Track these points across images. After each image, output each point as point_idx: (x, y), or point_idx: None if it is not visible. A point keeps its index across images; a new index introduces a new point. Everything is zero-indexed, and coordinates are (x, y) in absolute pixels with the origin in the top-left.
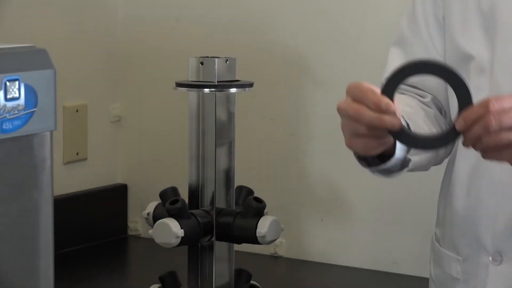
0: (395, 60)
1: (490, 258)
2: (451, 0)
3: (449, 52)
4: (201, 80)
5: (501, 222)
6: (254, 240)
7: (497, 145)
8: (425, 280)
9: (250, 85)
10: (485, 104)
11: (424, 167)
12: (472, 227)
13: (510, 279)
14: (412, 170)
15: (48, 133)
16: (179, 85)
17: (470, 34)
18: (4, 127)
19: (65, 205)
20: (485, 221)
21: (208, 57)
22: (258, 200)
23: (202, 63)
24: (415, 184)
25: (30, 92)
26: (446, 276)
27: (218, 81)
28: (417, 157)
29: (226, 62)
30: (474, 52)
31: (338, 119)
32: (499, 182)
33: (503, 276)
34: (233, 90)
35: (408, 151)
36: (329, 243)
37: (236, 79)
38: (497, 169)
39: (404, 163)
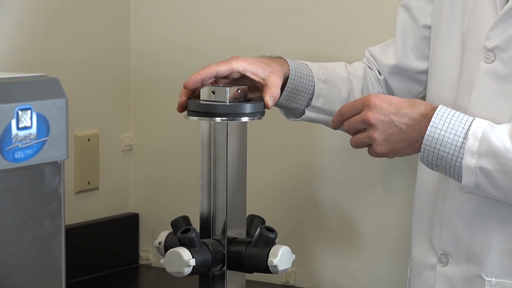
0: (401, 22)
1: (437, 259)
2: (440, 18)
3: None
4: (213, 101)
5: (448, 227)
6: (265, 269)
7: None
8: None
9: (262, 113)
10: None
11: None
12: (426, 229)
13: (454, 280)
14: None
15: (60, 162)
16: (190, 113)
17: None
18: (16, 156)
19: (76, 234)
20: (436, 224)
21: (219, 86)
22: (270, 229)
23: (213, 92)
24: None
25: (42, 121)
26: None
27: (230, 101)
28: (312, 114)
29: (237, 91)
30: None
31: (348, 148)
32: (447, 188)
33: (448, 277)
34: (244, 119)
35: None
36: (341, 272)
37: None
38: (451, 180)
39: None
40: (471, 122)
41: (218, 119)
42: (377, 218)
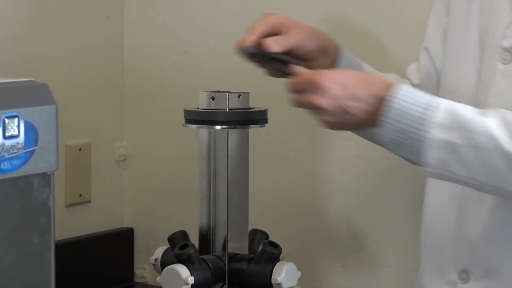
0: (421, 59)
1: (457, 276)
2: (453, 20)
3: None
4: (212, 109)
5: (465, 242)
6: (269, 287)
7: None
8: None
9: (265, 121)
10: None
11: None
12: (440, 242)
13: None
14: None
15: (49, 174)
16: (189, 121)
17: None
18: (2, 167)
19: (67, 251)
20: (452, 238)
21: (219, 91)
22: (274, 244)
23: (213, 98)
24: None
25: (30, 129)
26: None
27: (229, 109)
28: None
29: (238, 97)
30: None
31: (358, 158)
32: (462, 200)
33: None
34: (246, 126)
35: None
36: None
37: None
38: (460, 189)
39: None
40: (435, 97)
41: (218, 127)
42: (389, 233)
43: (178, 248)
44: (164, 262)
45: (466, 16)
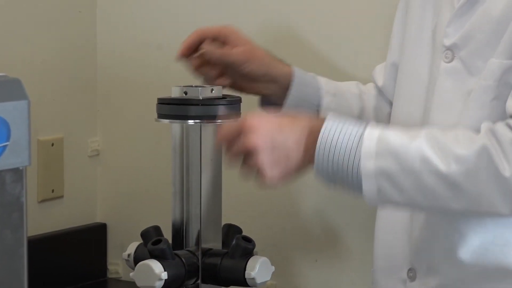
0: (387, 59)
1: (406, 275)
2: (410, 18)
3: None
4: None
5: (415, 240)
6: (243, 282)
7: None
8: None
9: (238, 114)
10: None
11: None
12: (390, 243)
13: None
14: None
15: (21, 169)
16: (161, 116)
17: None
18: None
19: (40, 246)
20: (402, 236)
21: (192, 86)
22: (247, 239)
23: (186, 93)
24: None
25: (2, 124)
26: None
27: (203, 97)
28: None
29: (211, 91)
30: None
31: None
32: None
33: None
34: (219, 122)
35: None
36: (324, 285)
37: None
38: None
39: None
40: (366, 126)
41: (190, 121)
42: (362, 227)
43: (151, 244)
44: (137, 258)
45: (422, 14)
